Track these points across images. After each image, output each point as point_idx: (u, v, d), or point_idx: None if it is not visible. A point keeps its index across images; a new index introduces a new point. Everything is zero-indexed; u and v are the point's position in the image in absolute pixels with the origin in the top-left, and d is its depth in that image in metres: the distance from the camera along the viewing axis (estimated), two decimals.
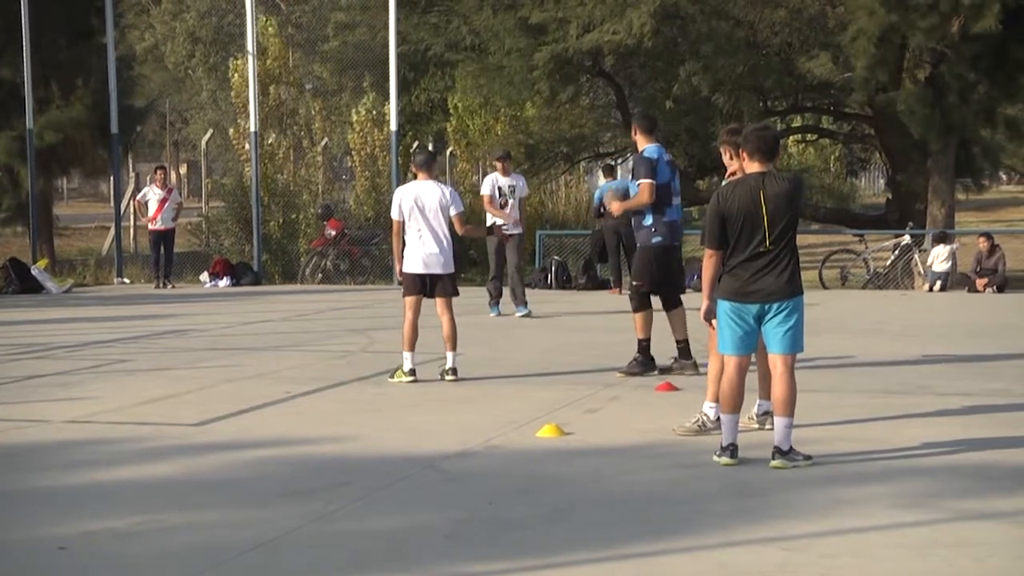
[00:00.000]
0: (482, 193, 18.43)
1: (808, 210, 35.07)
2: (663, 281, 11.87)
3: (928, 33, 23.60)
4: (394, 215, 11.81)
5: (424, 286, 11.70)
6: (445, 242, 11.67)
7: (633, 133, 12.23)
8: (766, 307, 7.94)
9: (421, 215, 11.59)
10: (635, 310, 11.87)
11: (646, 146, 11.92)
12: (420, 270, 11.64)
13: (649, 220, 11.73)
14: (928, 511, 6.88)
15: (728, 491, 7.36)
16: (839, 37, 25.89)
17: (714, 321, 8.24)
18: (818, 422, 9.19)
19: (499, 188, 17.96)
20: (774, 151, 8.06)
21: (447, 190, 11.85)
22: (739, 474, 7.77)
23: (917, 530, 6.53)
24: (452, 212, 11.70)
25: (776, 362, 8.03)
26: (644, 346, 11.84)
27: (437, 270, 11.63)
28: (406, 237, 11.71)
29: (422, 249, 11.60)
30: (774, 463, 7.88)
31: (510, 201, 17.94)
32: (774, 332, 7.97)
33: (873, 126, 31.47)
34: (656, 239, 11.72)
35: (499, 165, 18.27)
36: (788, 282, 7.94)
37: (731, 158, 8.75)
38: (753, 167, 8.02)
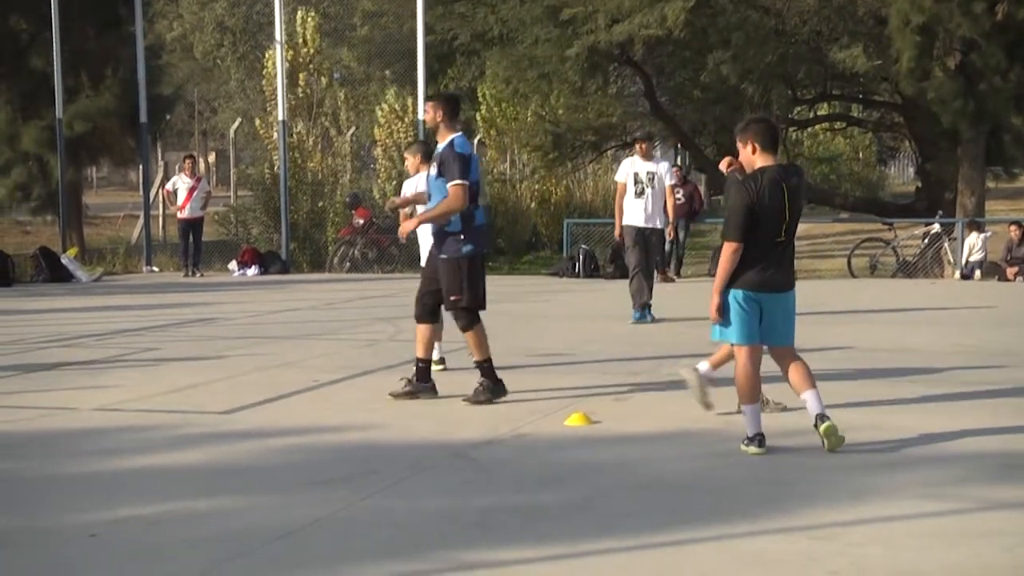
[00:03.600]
0: (617, 180, 16.15)
1: (837, 198, 34.99)
2: (481, 291, 10.05)
3: (974, 20, 23.44)
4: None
5: None
6: None
7: (434, 118, 10.11)
8: (778, 296, 8.01)
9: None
10: (464, 329, 10.06)
11: (452, 136, 10.02)
12: None
13: (457, 226, 9.93)
14: (957, 500, 6.85)
15: (756, 480, 7.34)
16: (869, 25, 25.77)
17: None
18: (846, 410, 9.16)
19: (635, 175, 15.67)
20: (777, 142, 8.16)
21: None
22: (767, 463, 7.75)
23: (945, 519, 6.50)
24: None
25: (784, 352, 8.17)
26: (487, 368, 10.08)
27: None
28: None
29: None
30: (824, 426, 7.89)
31: (647, 191, 15.62)
32: (780, 324, 8.07)
33: (902, 114, 31.35)
34: (467, 248, 9.95)
35: (639, 147, 15.98)
36: (792, 272, 8.16)
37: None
38: (767, 159, 8.01)
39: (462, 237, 9.93)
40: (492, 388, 10.00)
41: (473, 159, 9.97)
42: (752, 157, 8.05)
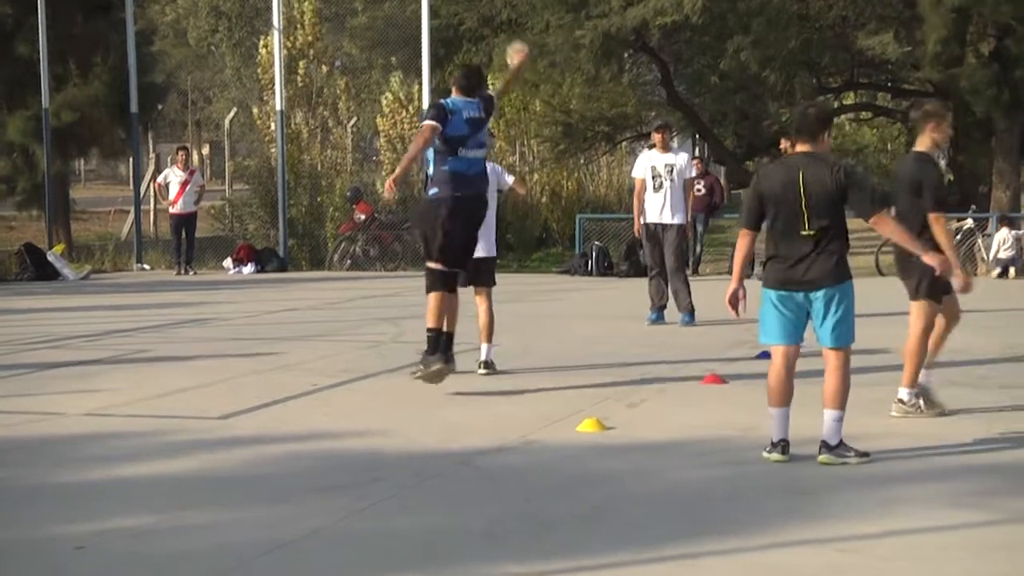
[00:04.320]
0: (634, 176, 15.91)
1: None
2: (444, 246, 10.51)
3: (1012, 3, 23.40)
4: None
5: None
6: (490, 224, 11.53)
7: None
8: (811, 295, 7.93)
9: None
10: (427, 291, 10.76)
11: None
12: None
13: (429, 172, 10.72)
14: (987, 511, 6.86)
15: (777, 489, 7.36)
16: (898, 8, 25.75)
17: (740, 307, 8.21)
18: (875, 416, 9.17)
19: (653, 168, 15.46)
20: (812, 130, 8.06)
21: (493, 166, 11.89)
22: (788, 472, 7.76)
23: (976, 531, 6.51)
24: (503, 182, 11.83)
25: (828, 356, 8.04)
26: (432, 337, 10.54)
27: (480, 253, 11.56)
28: None
29: None
30: (821, 458, 7.89)
31: (665, 185, 15.42)
32: (823, 324, 7.97)
33: None
34: (432, 191, 10.60)
35: (657, 138, 15.71)
36: (834, 268, 7.92)
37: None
38: (798, 147, 8.06)
39: (431, 182, 10.63)
40: (425, 359, 10.48)
41: (451, 110, 10.46)
42: (796, 145, 8.17)
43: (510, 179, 12.18)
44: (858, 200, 7.90)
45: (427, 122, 10.48)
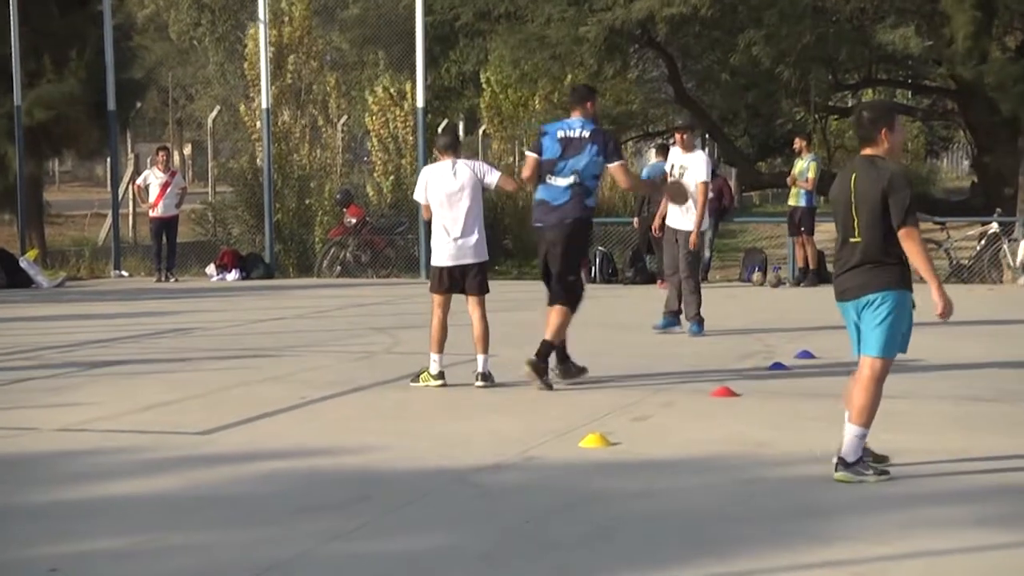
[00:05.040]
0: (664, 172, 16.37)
1: None
2: (542, 267, 11.94)
3: None
4: (418, 197, 11.91)
5: (454, 281, 11.71)
6: (478, 228, 11.66)
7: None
8: (859, 303, 7.99)
9: (450, 200, 11.60)
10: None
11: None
12: (448, 263, 11.66)
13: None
14: (1015, 532, 6.85)
15: (792, 509, 7.35)
16: (918, 1, 25.75)
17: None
18: (894, 432, 9.16)
19: (672, 167, 15.75)
20: (868, 134, 8.15)
21: (476, 164, 11.96)
22: (803, 491, 7.75)
23: (1003, 553, 6.50)
24: (489, 180, 11.84)
25: (861, 364, 8.07)
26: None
27: (468, 260, 11.62)
28: (432, 225, 11.77)
29: (448, 238, 11.61)
30: (838, 475, 7.88)
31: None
32: (862, 331, 8.03)
33: (957, 101, 31.30)
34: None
35: (679, 138, 15.95)
36: (875, 277, 7.97)
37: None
38: (863, 149, 8.15)
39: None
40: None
41: (544, 135, 11.69)
42: None
43: (495, 176, 12.11)
44: (892, 208, 7.91)
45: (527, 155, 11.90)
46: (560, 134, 11.51)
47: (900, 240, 7.94)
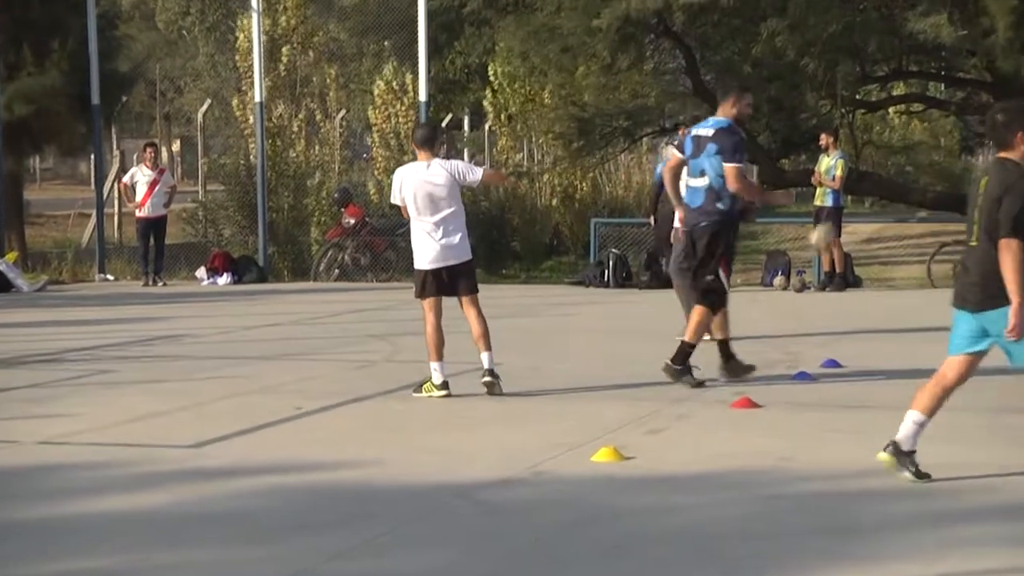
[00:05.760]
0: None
1: (914, 194, 34.90)
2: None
3: None
4: (394, 199, 12.01)
5: (440, 283, 11.77)
6: (460, 227, 11.78)
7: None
8: (983, 317, 8.06)
9: (429, 202, 11.65)
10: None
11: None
12: (432, 265, 11.71)
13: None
14: None
15: (817, 527, 7.34)
16: None
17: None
18: (928, 444, 9.14)
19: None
20: (999, 137, 8.19)
21: (453, 164, 12.01)
22: (830, 508, 7.75)
23: None
24: (470, 180, 11.90)
25: (947, 364, 8.32)
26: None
27: (452, 260, 11.67)
28: (412, 228, 11.88)
29: (431, 240, 11.67)
30: (881, 455, 7.99)
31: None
32: (1005, 345, 8.07)
33: (992, 94, 31.24)
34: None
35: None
36: (972, 288, 8.07)
37: None
38: (998, 154, 8.20)
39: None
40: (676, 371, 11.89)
41: (688, 134, 12.41)
42: None
43: (478, 174, 12.15)
44: (1000, 214, 7.89)
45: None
46: (695, 132, 12.09)
47: (1000, 250, 7.85)
